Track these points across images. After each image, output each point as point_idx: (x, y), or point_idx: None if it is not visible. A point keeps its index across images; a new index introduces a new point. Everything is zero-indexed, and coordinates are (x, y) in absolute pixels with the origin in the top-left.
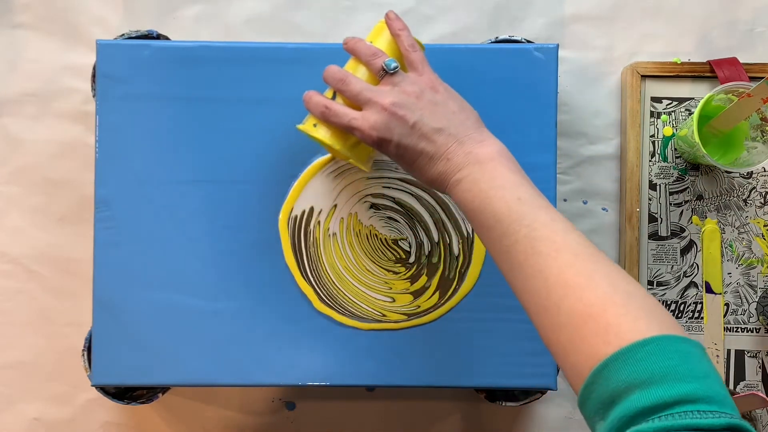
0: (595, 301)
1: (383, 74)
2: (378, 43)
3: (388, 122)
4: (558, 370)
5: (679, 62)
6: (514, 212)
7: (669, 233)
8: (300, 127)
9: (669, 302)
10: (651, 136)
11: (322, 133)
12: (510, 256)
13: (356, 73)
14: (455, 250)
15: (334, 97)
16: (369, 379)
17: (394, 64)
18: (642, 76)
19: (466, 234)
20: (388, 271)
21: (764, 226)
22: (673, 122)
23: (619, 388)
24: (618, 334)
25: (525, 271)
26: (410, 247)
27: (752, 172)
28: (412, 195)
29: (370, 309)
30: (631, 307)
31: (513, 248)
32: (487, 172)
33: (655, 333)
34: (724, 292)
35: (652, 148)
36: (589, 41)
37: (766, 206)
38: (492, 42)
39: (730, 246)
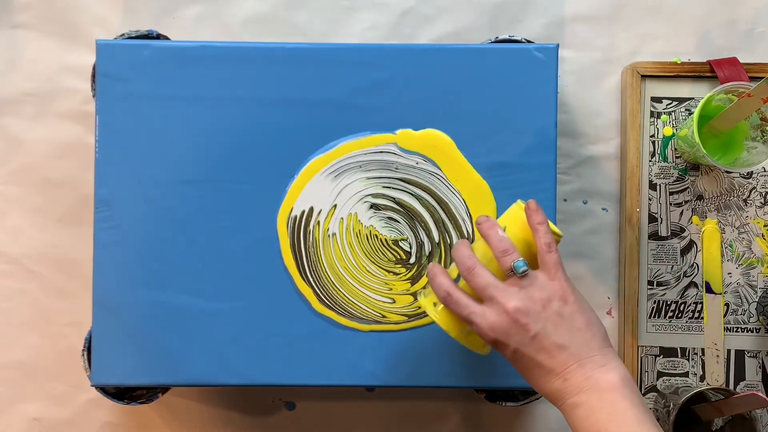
0: None
1: (510, 274)
2: (511, 229)
3: (508, 328)
4: None
5: (679, 62)
6: None
7: (669, 233)
8: (420, 302)
9: (669, 302)
10: (651, 136)
11: (438, 317)
12: None
13: (483, 258)
14: None
15: (459, 278)
16: (369, 379)
17: (523, 269)
18: (642, 76)
19: (466, 234)
20: (389, 272)
21: (764, 226)
22: (673, 122)
23: None
24: None
25: None
26: (411, 247)
27: (752, 172)
28: (412, 195)
29: (370, 310)
30: None
31: None
32: (606, 403)
33: None
34: (724, 292)
35: (652, 148)
36: (589, 41)
37: (766, 206)
38: (492, 42)
39: (730, 246)
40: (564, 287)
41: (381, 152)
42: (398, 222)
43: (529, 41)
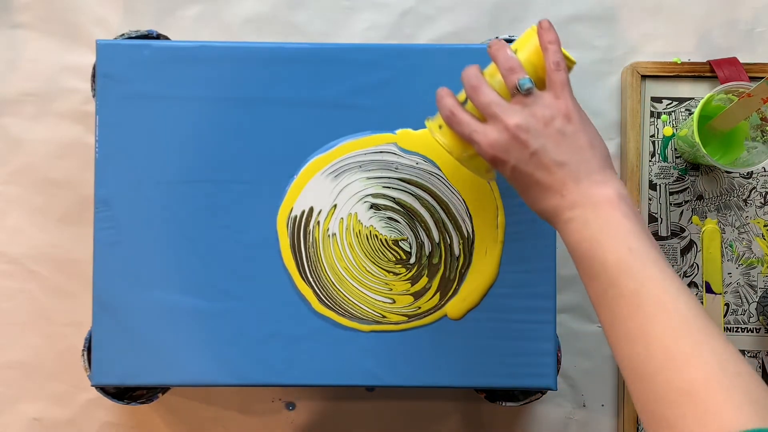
0: (697, 379)
1: (515, 93)
2: (522, 52)
3: (508, 144)
4: (558, 370)
5: (679, 62)
6: (623, 263)
7: (669, 233)
8: (427, 125)
9: None
10: (651, 136)
11: (441, 138)
12: (612, 310)
13: (492, 80)
14: (456, 251)
15: (466, 102)
16: (369, 379)
17: (527, 86)
18: (642, 76)
19: (466, 234)
20: (389, 272)
21: (764, 226)
22: (673, 122)
23: None
24: (717, 420)
25: (626, 331)
26: (411, 247)
27: (752, 172)
28: (412, 195)
29: (370, 310)
30: (736, 392)
31: (617, 302)
32: (600, 215)
33: (758, 425)
34: (724, 292)
35: (652, 148)
36: (589, 41)
37: (766, 206)
38: None
39: (730, 246)
40: (569, 106)
41: (381, 152)
42: (398, 222)
43: None
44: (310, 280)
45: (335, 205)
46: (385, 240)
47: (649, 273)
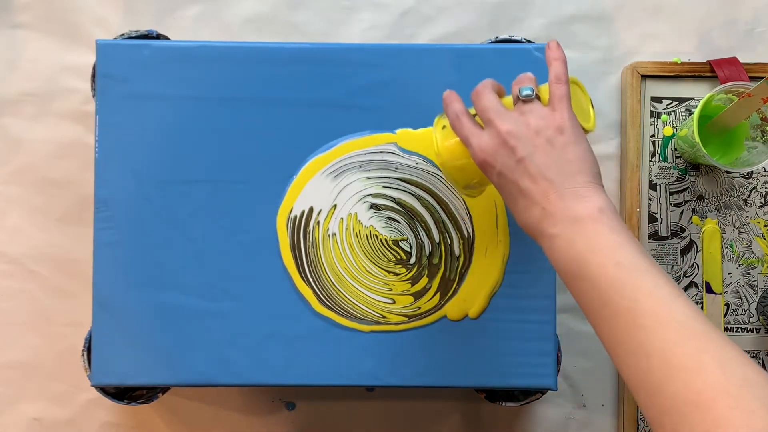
0: (703, 389)
1: (517, 101)
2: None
3: (497, 149)
4: (558, 370)
5: (679, 62)
6: (614, 279)
7: (669, 233)
8: (435, 120)
9: None
10: (651, 136)
11: (438, 136)
12: (611, 329)
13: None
14: (456, 251)
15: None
16: (369, 379)
17: (526, 92)
18: (642, 76)
19: (466, 234)
20: (389, 272)
21: (764, 226)
22: (673, 122)
23: None
24: (729, 430)
25: (627, 349)
26: (411, 247)
27: (752, 172)
28: (412, 195)
29: (370, 311)
30: (745, 398)
31: (614, 321)
32: (584, 232)
33: None
34: (724, 292)
35: (652, 148)
36: (589, 41)
37: (766, 206)
38: (492, 42)
39: (731, 246)
40: (564, 119)
41: (381, 152)
42: (398, 222)
43: (529, 41)
44: (310, 280)
45: (335, 205)
46: (385, 240)
47: (641, 286)
